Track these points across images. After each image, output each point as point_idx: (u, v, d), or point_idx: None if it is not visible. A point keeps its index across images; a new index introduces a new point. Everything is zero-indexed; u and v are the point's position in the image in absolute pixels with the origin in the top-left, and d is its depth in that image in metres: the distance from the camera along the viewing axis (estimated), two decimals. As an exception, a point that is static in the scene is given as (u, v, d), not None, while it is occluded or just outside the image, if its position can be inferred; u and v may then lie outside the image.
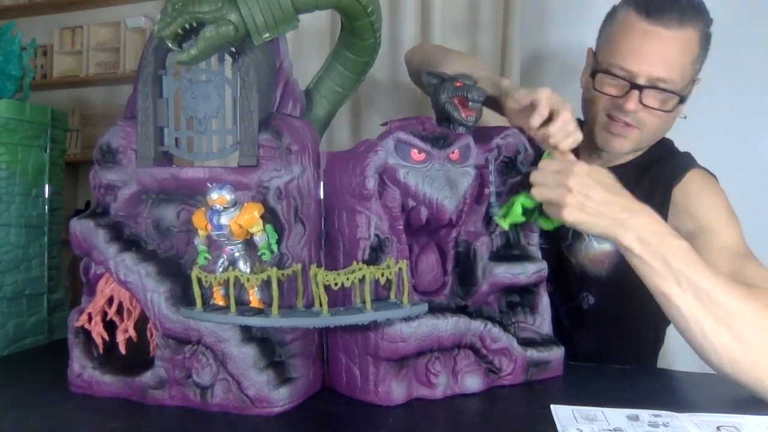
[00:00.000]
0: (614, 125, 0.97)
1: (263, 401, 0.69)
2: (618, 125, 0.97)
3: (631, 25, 0.94)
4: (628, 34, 0.95)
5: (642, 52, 0.93)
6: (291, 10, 0.73)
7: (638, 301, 0.97)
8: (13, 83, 1.05)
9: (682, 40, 0.92)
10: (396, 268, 0.69)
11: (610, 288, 1.01)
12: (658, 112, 0.95)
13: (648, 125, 0.96)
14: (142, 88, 0.76)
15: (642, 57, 0.92)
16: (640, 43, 0.93)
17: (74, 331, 0.77)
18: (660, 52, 0.92)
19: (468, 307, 0.80)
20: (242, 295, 0.70)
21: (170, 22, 0.70)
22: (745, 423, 0.65)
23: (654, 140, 1.02)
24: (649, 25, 0.92)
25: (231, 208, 0.68)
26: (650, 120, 0.96)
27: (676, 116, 1.00)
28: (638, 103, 0.93)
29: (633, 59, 0.93)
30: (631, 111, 0.94)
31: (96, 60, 2.67)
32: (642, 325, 1.05)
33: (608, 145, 1.00)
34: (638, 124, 0.96)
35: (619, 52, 0.95)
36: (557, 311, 1.05)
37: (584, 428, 0.63)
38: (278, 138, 0.72)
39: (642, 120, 0.96)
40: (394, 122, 0.78)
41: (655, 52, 0.92)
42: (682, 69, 0.93)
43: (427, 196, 0.74)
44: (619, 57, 0.95)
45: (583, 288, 1.04)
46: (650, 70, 0.92)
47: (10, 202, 1.00)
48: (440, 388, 0.74)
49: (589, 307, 1.04)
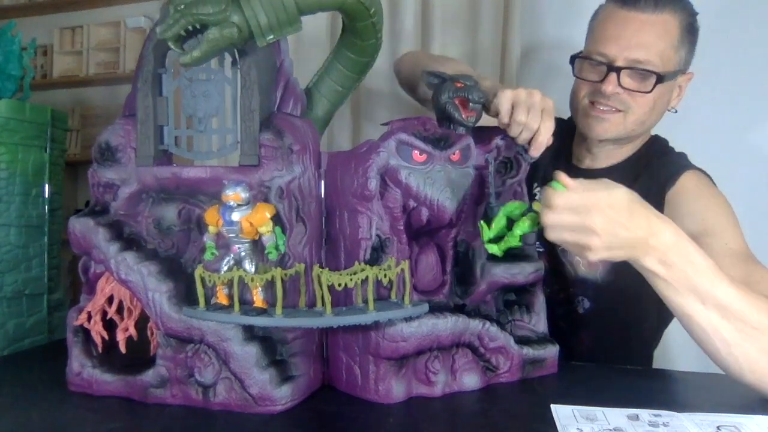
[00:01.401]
0: (596, 110, 0.98)
1: (266, 399, 0.69)
2: (600, 110, 0.98)
3: (608, 15, 0.98)
4: (605, 22, 0.98)
5: (618, 37, 0.95)
6: (295, 12, 0.73)
7: (634, 304, 0.98)
8: (13, 83, 1.05)
9: (658, 23, 0.95)
10: (398, 269, 0.69)
11: (606, 292, 1.01)
12: (638, 94, 0.95)
13: (633, 108, 0.97)
14: (141, 87, 0.76)
15: (618, 41, 0.95)
16: (617, 29, 0.96)
17: (73, 330, 0.77)
18: (636, 35, 0.94)
19: (466, 307, 0.80)
20: (244, 294, 0.70)
21: (173, 23, 0.70)
22: (745, 423, 0.65)
23: (641, 129, 1.02)
24: (625, 12, 0.96)
25: (244, 206, 0.69)
26: (635, 102, 0.97)
27: (664, 105, 1.01)
28: (617, 85, 0.95)
29: (610, 44, 0.96)
30: (610, 93, 0.95)
31: (96, 60, 2.67)
32: (637, 328, 1.05)
33: (591, 130, 1.00)
34: (623, 106, 0.97)
35: (598, 39, 0.98)
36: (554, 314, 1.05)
37: (584, 428, 0.63)
38: (280, 137, 0.72)
39: (625, 102, 0.97)
40: (395, 122, 0.78)
41: (631, 35, 0.95)
42: (660, 52, 0.95)
43: (428, 197, 0.74)
44: (597, 44, 0.98)
45: (578, 292, 1.04)
46: (627, 52, 0.94)
47: (10, 202, 1.00)
48: (439, 386, 0.75)
49: (584, 311, 1.04)
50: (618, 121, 0.98)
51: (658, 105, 0.99)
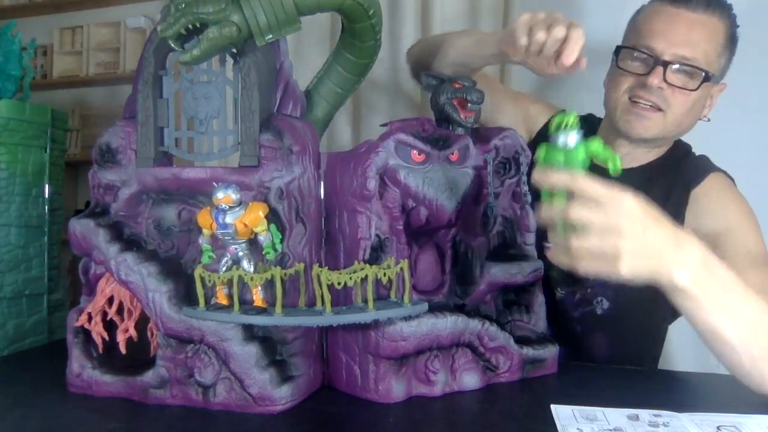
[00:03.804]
0: (637, 106, 0.95)
1: (266, 399, 0.69)
2: (641, 106, 0.95)
3: (656, 10, 0.96)
4: (653, 18, 0.96)
5: (667, 32, 0.93)
6: (294, 12, 0.73)
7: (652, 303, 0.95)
8: (13, 83, 1.05)
9: (708, 24, 0.93)
10: (397, 268, 0.69)
11: (626, 291, 0.96)
12: (683, 92, 0.93)
13: (673, 107, 0.94)
14: (142, 89, 0.76)
15: (667, 35, 0.93)
16: (665, 25, 0.93)
17: (73, 331, 0.77)
18: (685, 32, 0.92)
19: (466, 306, 0.80)
20: (244, 294, 0.70)
21: (173, 22, 0.70)
22: (745, 423, 0.65)
23: (677, 131, 0.99)
24: (675, 9, 0.93)
25: (236, 208, 0.68)
26: (675, 101, 0.94)
27: (699, 111, 0.98)
28: (662, 80, 0.92)
29: (658, 38, 0.93)
30: (655, 86, 0.92)
31: (96, 60, 2.67)
32: (653, 326, 1.03)
33: (631, 129, 0.96)
34: (664, 104, 0.94)
35: (644, 33, 0.95)
36: (568, 317, 1.03)
37: (584, 428, 0.63)
38: (279, 138, 0.73)
39: (668, 99, 0.94)
40: (394, 123, 0.78)
41: (681, 32, 0.92)
42: (706, 53, 0.93)
43: (428, 197, 0.74)
44: (644, 38, 0.95)
45: (598, 292, 1.01)
46: (675, 48, 0.92)
47: (10, 202, 1.00)
48: (439, 386, 0.75)
49: (603, 312, 1.01)
50: (658, 120, 0.95)
51: (695, 109, 0.96)
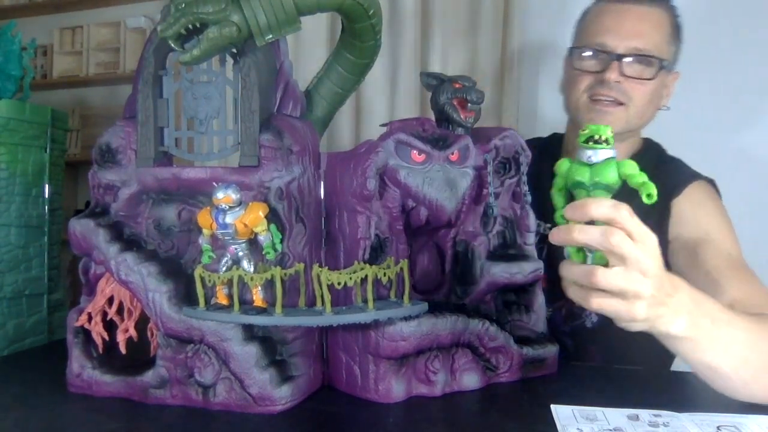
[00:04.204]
0: (599, 103, 0.97)
1: (266, 400, 0.69)
2: (603, 103, 0.97)
3: (603, 9, 1.00)
4: (601, 16, 1.00)
5: (617, 27, 0.97)
6: (294, 12, 0.73)
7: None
8: (13, 83, 1.05)
9: (654, 15, 0.97)
10: (397, 268, 0.70)
11: None
12: (641, 83, 0.96)
13: (634, 99, 0.97)
14: (142, 89, 0.76)
15: (618, 30, 0.96)
16: (614, 20, 0.97)
17: (73, 331, 0.77)
18: (634, 25, 0.96)
19: (466, 306, 0.80)
20: (244, 294, 0.70)
21: (173, 22, 0.70)
22: (745, 423, 0.65)
23: (640, 122, 1.02)
24: (621, 5, 0.97)
25: (236, 208, 0.68)
26: (635, 92, 0.97)
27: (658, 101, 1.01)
28: (620, 74, 0.95)
29: (609, 34, 0.97)
30: (613, 81, 0.95)
31: (96, 60, 2.67)
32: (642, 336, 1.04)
33: None
34: (624, 98, 0.97)
35: (595, 31, 0.99)
36: (559, 332, 1.02)
37: (584, 428, 0.63)
38: (279, 138, 0.73)
39: (627, 92, 0.96)
40: (394, 123, 0.78)
41: (630, 26, 0.96)
42: (657, 43, 0.96)
43: (427, 196, 0.74)
44: (595, 36, 0.98)
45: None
46: (627, 42, 0.95)
47: (10, 202, 1.00)
48: (439, 386, 0.75)
49: (593, 324, 1.02)
50: (621, 114, 0.97)
51: (654, 98, 0.99)
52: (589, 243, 0.55)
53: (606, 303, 0.58)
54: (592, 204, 0.55)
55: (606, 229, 0.54)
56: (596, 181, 0.56)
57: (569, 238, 0.56)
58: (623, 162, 0.56)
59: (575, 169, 0.57)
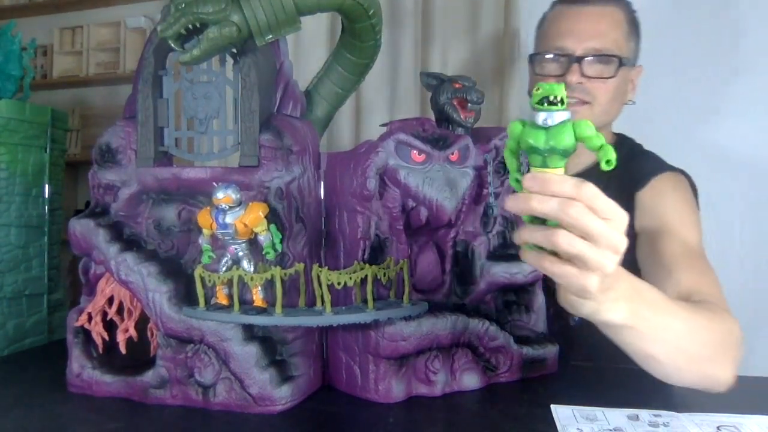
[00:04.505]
0: None
1: (266, 399, 0.69)
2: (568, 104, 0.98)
3: (559, 13, 1.02)
4: (557, 20, 1.02)
5: (574, 30, 0.98)
6: (293, 12, 0.73)
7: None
8: (13, 83, 1.05)
9: (609, 14, 0.99)
10: (397, 268, 0.70)
11: None
12: (603, 81, 0.97)
13: (598, 97, 0.99)
14: (142, 89, 0.76)
15: (575, 33, 0.98)
16: (571, 23, 0.99)
17: (73, 331, 0.77)
18: (591, 26, 0.98)
19: (466, 306, 0.80)
20: (244, 294, 0.70)
21: (173, 22, 0.70)
22: (745, 423, 0.65)
23: (607, 119, 1.03)
24: (575, 8, 1.00)
25: (236, 208, 0.68)
26: (598, 91, 0.98)
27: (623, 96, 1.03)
28: (581, 75, 0.97)
29: (567, 37, 0.98)
30: (575, 83, 0.97)
31: (96, 60, 2.67)
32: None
33: None
34: (588, 97, 0.98)
35: (553, 36, 1.01)
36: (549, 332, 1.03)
37: (584, 428, 0.63)
38: (279, 138, 0.73)
39: (591, 92, 0.98)
40: (394, 123, 0.78)
41: (586, 27, 0.98)
42: (614, 40, 0.98)
43: (427, 196, 0.74)
44: (554, 40, 1.00)
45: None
46: (585, 43, 0.97)
47: (10, 202, 1.00)
48: (439, 386, 0.75)
49: (575, 323, 1.03)
50: (586, 113, 0.99)
51: (618, 94, 1.01)
52: (548, 214, 0.52)
53: (558, 266, 0.53)
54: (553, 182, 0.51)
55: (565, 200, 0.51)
56: (552, 146, 0.51)
57: (527, 207, 0.53)
58: (579, 122, 0.52)
59: (529, 133, 0.52)
